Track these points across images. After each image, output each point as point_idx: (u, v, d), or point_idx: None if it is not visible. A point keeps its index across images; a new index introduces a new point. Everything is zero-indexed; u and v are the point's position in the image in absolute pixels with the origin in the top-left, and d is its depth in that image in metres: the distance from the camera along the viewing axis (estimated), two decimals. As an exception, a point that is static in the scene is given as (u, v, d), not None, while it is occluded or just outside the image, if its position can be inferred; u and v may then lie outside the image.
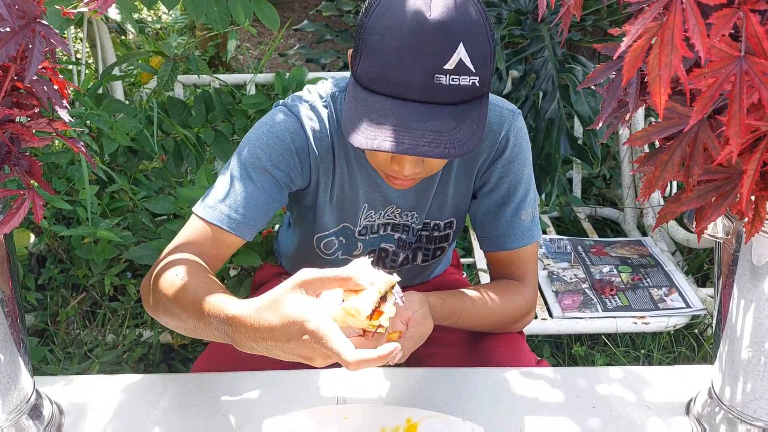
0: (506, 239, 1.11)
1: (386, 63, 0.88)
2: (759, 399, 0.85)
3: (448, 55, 0.87)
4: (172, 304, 0.91)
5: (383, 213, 1.15)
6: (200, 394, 1.01)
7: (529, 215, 1.11)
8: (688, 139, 0.59)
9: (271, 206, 1.05)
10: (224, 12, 1.68)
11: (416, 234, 1.19)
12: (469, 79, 0.89)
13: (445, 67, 0.87)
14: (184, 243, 1.01)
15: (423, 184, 1.11)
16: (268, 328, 0.75)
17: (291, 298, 0.75)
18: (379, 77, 0.89)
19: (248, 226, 1.03)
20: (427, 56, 0.86)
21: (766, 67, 0.50)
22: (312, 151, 1.06)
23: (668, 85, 0.51)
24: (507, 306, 1.10)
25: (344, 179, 1.10)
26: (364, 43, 0.91)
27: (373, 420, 0.93)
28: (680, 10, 0.46)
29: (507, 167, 1.09)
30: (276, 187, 1.04)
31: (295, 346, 0.74)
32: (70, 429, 0.96)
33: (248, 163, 1.03)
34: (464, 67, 0.88)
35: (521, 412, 0.97)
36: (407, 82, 0.88)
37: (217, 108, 2.02)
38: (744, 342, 0.85)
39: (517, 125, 1.09)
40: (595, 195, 2.53)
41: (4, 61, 0.60)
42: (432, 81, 0.87)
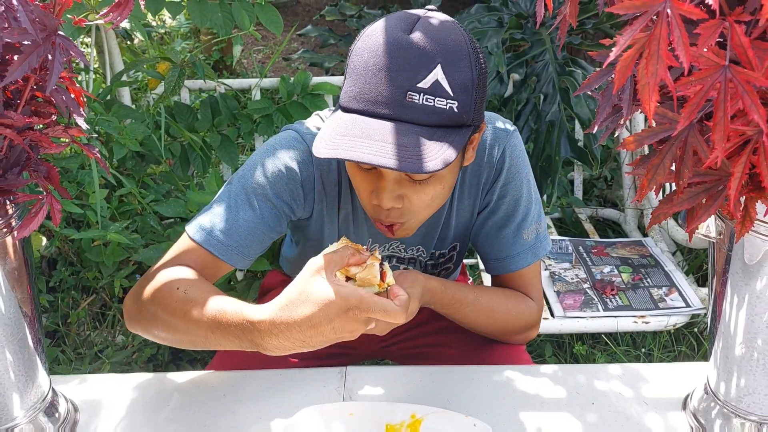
0: (509, 261, 1.10)
1: (363, 80, 0.86)
2: (753, 394, 0.88)
3: (423, 74, 0.84)
4: (174, 318, 0.89)
5: (387, 246, 1.14)
6: (210, 392, 1.04)
7: (531, 233, 1.10)
8: (678, 144, 0.62)
9: (268, 236, 1.02)
10: (228, 17, 1.71)
11: (423, 265, 1.18)
12: (446, 103, 0.85)
13: (419, 85, 0.84)
14: (176, 262, 0.98)
15: (429, 221, 1.07)
16: (305, 319, 0.77)
17: (317, 284, 0.78)
18: (355, 95, 0.87)
19: (241, 254, 1.00)
20: (401, 72, 0.84)
21: (749, 76, 0.53)
22: (317, 182, 1.04)
23: (656, 92, 0.54)
24: (509, 310, 1.09)
25: (348, 215, 1.08)
26: (348, 67, 0.90)
27: (378, 416, 0.95)
28: (666, 22, 0.49)
29: (504, 188, 1.07)
30: (276, 216, 1.02)
31: (339, 324, 0.77)
32: (85, 426, 0.99)
33: (250, 189, 1.00)
34: (441, 88, 0.84)
35: (522, 409, 1.00)
36: (380, 97, 0.85)
37: (222, 112, 2.05)
38: (737, 339, 0.87)
39: (512, 144, 1.06)
40: (597, 196, 2.55)
41: (27, 72, 0.63)
42: (404, 98, 0.84)
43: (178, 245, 1.02)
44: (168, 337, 0.95)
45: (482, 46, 2.22)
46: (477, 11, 2.37)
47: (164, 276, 0.94)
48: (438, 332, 1.23)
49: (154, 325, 0.94)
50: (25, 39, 0.60)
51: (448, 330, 1.19)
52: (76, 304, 1.74)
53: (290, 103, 2.03)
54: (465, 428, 0.93)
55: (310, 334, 0.78)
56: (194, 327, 0.87)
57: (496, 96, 2.15)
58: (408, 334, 1.24)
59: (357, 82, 0.87)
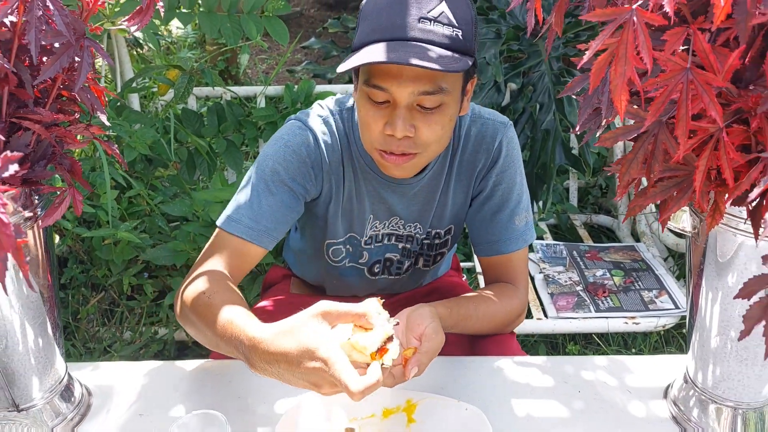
0: (501, 244, 1.18)
1: (376, 15, 0.97)
2: (727, 380, 0.93)
3: (432, 5, 0.95)
4: (198, 320, 0.98)
5: (387, 223, 1.22)
6: (217, 379, 1.10)
7: (522, 220, 1.18)
8: (649, 140, 0.68)
9: (289, 216, 1.12)
10: (237, 28, 1.78)
11: (420, 242, 1.26)
12: (452, 30, 0.96)
13: (429, 14, 0.95)
14: (211, 258, 1.08)
15: (425, 194, 1.18)
16: (283, 353, 0.80)
17: (308, 327, 0.81)
18: (373, 29, 0.97)
19: (269, 236, 1.10)
20: (413, 3, 0.95)
21: (709, 78, 0.59)
22: (325, 163, 1.13)
23: (626, 91, 0.60)
24: (505, 310, 1.17)
25: (352, 191, 1.17)
26: (360, 18, 1.01)
27: (376, 401, 1.01)
28: (632, 29, 0.56)
29: (501, 176, 1.16)
30: (294, 198, 1.12)
31: (305, 372, 0.79)
32: (98, 410, 1.04)
33: (267, 177, 1.10)
34: (447, 18, 0.96)
35: (512, 396, 1.05)
36: (395, 24, 0.95)
37: (228, 119, 2.12)
38: (713, 330, 0.93)
39: (509, 135, 1.16)
40: (592, 204, 2.61)
41: (57, 72, 0.69)
42: (417, 23, 0.95)
43: (212, 240, 1.11)
44: (196, 335, 1.04)
45: (481, 56, 2.29)
46: (476, 23, 2.44)
47: (197, 279, 1.03)
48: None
49: (188, 324, 1.04)
50: (58, 41, 0.67)
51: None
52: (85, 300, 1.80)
53: (294, 111, 2.10)
54: (457, 411, 0.99)
55: (284, 369, 0.81)
56: (210, 332, 0.95)
57: (493, 105, 2.22)
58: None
59: (373, 19, 0.98)
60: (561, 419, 1.02)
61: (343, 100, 1.19)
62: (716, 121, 0.61)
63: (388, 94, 0.97)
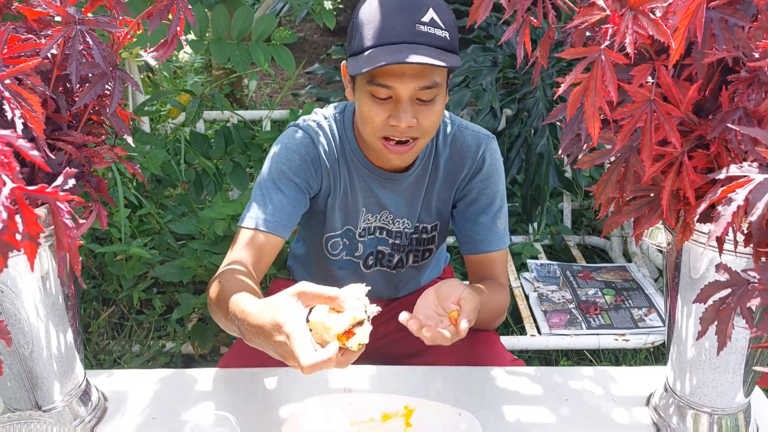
0: (484, 243, 1.30)
1: (375, 23, 1.09)
2: (702, 387, 1.00)
3: (423, 12, 1.09)
4: (216, 306, 1.08)
5: (378, 217, 1.34)
6: (225, 386, 1.16)
7: (503, 224, 1.31)
8: (621, 163, 0.76)
9: (298, 209, 1.24)
10: (245, 55, 1.88)
11: (408, 238, 1.37)
12: (442, 32, 1.09)
13: (423, 19, 1.08)
14: (235, 253, 1.19)
15: (411, 189, 1.30)
16: (260, 326, 0.87)
17: (284, 304, 0.87)
18: (372, 35, 1.09)
19: (284, 226, 1.21)
20: (407, 11, 1.08)
21: (670, 109, 0.67)
22: (322, 161, 1.25)
23: (597, 119, 0.68)
24: (499, 302, 1.28)
25: (347, 186, 1.29)
26: (356, 26, 1.12)
27: (375, 406, 1.07)
28: (600, 67, 0.64)
29: (485, 182, 1.29)
30: (300, 192, 1.24)
31: (275, 345, 0.85)
32: (113, 413, 1.11)
33: (275, 177, 1.22)
34: (437, 22, 1.09)
35: (504, 403, 1.12)
36: (395, 29, 1.08)
37: (235, 141, 2.21)
38: (689, 342, 1.00)
39: (491, 147, 1.29)
40: (585, 225, 2.69)
41: (92, 98, 0.77)
42: (414, 28, 1.08)
43: (235, 238, 1.22)
44: (218, 321, 1.11)
45: (477, 83, 2.38)
46: (473, 51, 2.55)
47: (220, 272, 1.15)
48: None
49: (211, 311, 1.13)
50: (94, 71, 0.75)
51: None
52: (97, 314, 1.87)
53: (298, 134, 2.18)
54: (452, 416, 1.05)
55: (262, 341, 0.88)
56: (221, 313, 1.05)
57: (490, 129, 2.30)
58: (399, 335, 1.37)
59: (372, 27, 1.10)
60: (549, 425, 1.08)
61: (335, 105, 1.32)
62: (675, 149, 0.69)
63: (391, 90, 1.10)
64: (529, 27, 0.87)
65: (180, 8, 0.82)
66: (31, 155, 0.48)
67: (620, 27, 0.63)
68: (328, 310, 0.88)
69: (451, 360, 1.24)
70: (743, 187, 0.52)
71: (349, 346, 0.86)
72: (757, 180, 0.51)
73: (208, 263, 1.65)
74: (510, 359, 1.29)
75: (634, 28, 0.61)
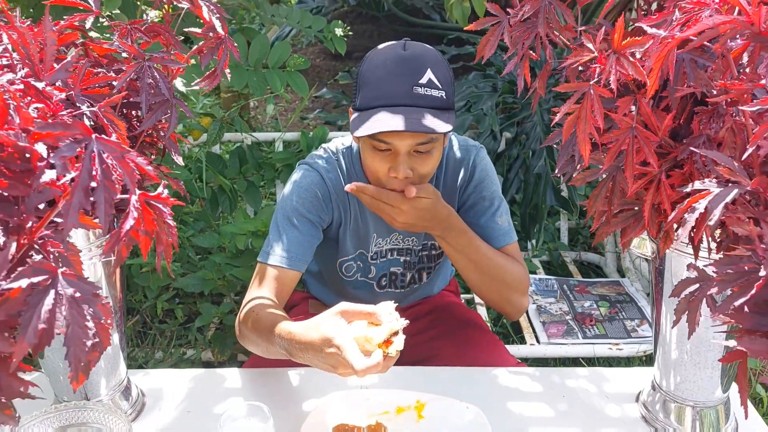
0: (492, 241, 1.39)
1: (378, 84, 1.20)
2: (685, 383, 1.11)
3: (421, 74, 1.19)
4: (253, 334, 1.21)
5: (389, 239, 1.45)
6: (252, 383, 1.28)
7: (505, 221, 1.40)
8: (609, 180, 0.89)
9: (312, 243, 1.35)
10: (262, 81, 2.01)
11: (418, 255, 1.47)
12: (438, 93, 1.20)
13: (420, 81, 1.18)
14: (258, 287, 1.30)
15: None
16: (309, 342, 1.02)
17: (329, 322, 1.02)
18: (374, 96, 1.20)
19: (300, 261, 1.32)
20: (406, 75, 1.19)
21: (649, 135, 0.80)
22: (332, 195, 1.37)
23: (588, 143, 0.80)
24: (508, 264, 1.36)
25: (357, 214, 1.40)
26: (360, 82, 1.23)
27: (389, 401, 1.18)
28: (590, 99, 0.76)
29: (479, 186, 1.40)
30: (314, 228, 1.35)
31: (325, 356, 1.00)
32: (151, 408, 1.22)
33: (290, 215, 1.33)
34: (433, 83, 1.19)
35: (506, 399, 1.23)
36: (395, 93, 1.18)
37: (249, 161, 2.33)
38: (673, 342, 1.11)
39: (480, 155, 1.41)
40: (582, 243, 2.81)
41: (154, 123, 0.90)
42: (412, 91, 1.18)
43: (256, 273, 1.33)
44: (253, 347, 1.25)
45: (478, 108, 2.52)
46: (474, 78, 2.69)
47: (248, 305, 1.26)
48: (436, 338, 1.47)
49: (246, 341, 1.26)
50: (157, 100, 0.87)
51: (445, 336, 1.43)
52: (121, 323, 1.98)
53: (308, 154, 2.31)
54: (459, 409, 1.16)
55: (311, 355, 1.03)
56: (261, 340, 1.18)
57: (490, 151, 2.44)
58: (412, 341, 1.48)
59: (374, 87, 1.21)
60: (547, 419, 1.19)
61: (341, 141, 1.43)
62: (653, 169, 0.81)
63: (390, 145, 1.21)
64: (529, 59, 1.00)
65: (227, 47, 0.95)
66: (146, 170, 0.61)
67: (606, 66, 0.76)
68: (367, 325, 1.04)
69: (460, 364, 1.36)
70: (704, 198, 0.64)
71: (389, 353, 1.01)
72: (714, 192, 0.63)
73: (229, 275, 1.76)
74: (514, 363, 1.40)
75: (617, 68, 0.74)
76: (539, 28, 0.94)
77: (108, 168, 0.56)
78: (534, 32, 0.95)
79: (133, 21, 0.92)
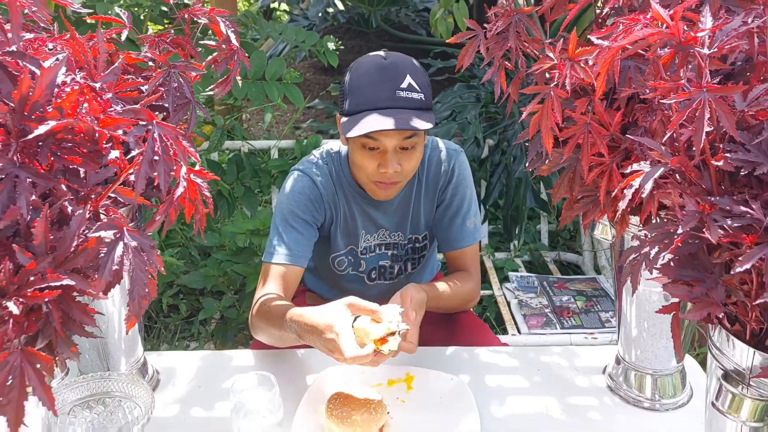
0: (458, 241, 1.55)
1: (363, 91, 1.35)
2: (644, 352, 1.25)
3: (401, 79, 1.34)
4: (265, 324, 1.35)
5: (376, 235, 1.59)
6: (256, 362, 1.40)
7: (472, 223, 1.56)
8: (570, 171, 1.03)
9: (310, 240, 1.50)
10: (261, 92, 2.16)
11: (404, 248, 1.62)
12: (418, 95, 1.35)
13: (401, 86, 1.33)
14: (265, 285, 1.43)
15: (402, 207, 1.55)
16: (314, 325, 1.17)
17: (335, 310, 1.18)
18: (361, 101, 1.34)
19: (302, 257, 1.46)
20: (388, 81, 1.34)
21: (601, 130, 0.95)
22: (323, 196, 1.51)
23: (551, 137, 0.95)
24: (465, 290, 1.53)
25: (346, 213, 1.55)
26: (347, 90, 1.38)
27: (382, 373, 1.32)
28: (550, 100, 0.91)
29: (455, 189, 1.54)
30: (309, 227, 1.50)
31: (325, 341, 1.15)
32: (165, 383, 1.34)
33: (287, 217, 1.47)
34: (413, 87, 1.35)
35: (486, 372, 1.37)
36: (380, 97, 1.33)
37: (246, 168, 2.47)
38: (632, 317, 1.25)
39: (460, 159, 1.55)
40: (562, 245, 2.97)
41: (177, 122, 1.03)
42: (395, 94, 1.33)
43: (262, 272, 1.47)
44: (267, 338, 1.38)
45: (462, 117, 2.68)
46: (459, 89, 2.86)
47: (259, 301, 1.39)
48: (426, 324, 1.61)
49: (259, 332, 1.40)
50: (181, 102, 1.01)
51: (434, 322, 1.58)
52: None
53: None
54: (445, 380, 1.30)
55: (314, 337, 1.18)
56: (273, 328, 1.32)
57: (474, 157, 2.59)
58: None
59: (359, 93, 1.35)
60: (524, 388, 1.33)
61: (330, 146, 1.58)
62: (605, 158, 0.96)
63: (378, 143, 1.37)
64: (504, 69, 1.15)
65: (239, 58, 1.09)
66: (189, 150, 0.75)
67: (563, 72, 0.91)
68: (370, 320, 1.18)
69: (444, 343, 1.49)
70: (639, 177, 0.78)
71: (382, 350, 1.15)
72: (646, 171, 0.77)
73: (230, 271, 1.89)
74: (497, 342, 1.54)
75: (571, 72, 0.89)
76: (510, 41, 1.09)
77: (166, 146, 0.69)
78: (506, 45, 1.10)
79: (160, 34, 1.06)
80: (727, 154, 0.72)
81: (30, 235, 0.59)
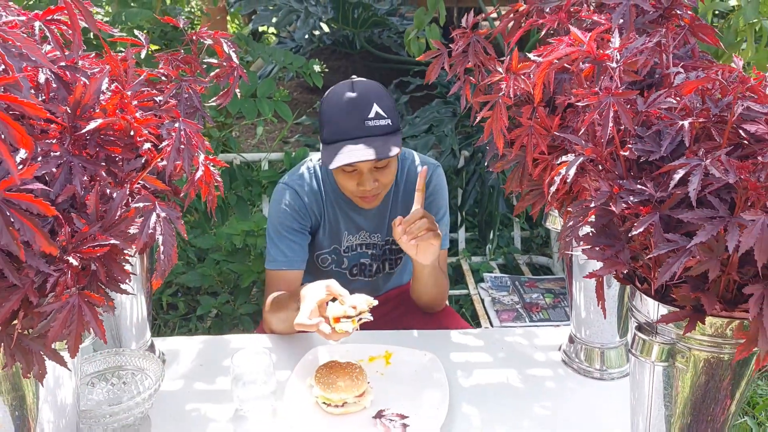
0: None
1: (335, 123, 1.53)
2: (591, 328, 1.44)
3: (368, 109, 1.51)
4: (278, 313, 1.54)
5: (357, 236, 1.77)
6: (255, 344, 1.57)
7: (443, 230, 1.71)
8: (519, 168, 1.22)
9: (303, 244, 1.68)
10: (253, 107, 2.35)
11: (382, 249, 1.80)
12: (385, 122, 1.53)
13: (369, 116, 1.50)
14: (271, 290, 1.63)
15: (380, 212, 1.72)
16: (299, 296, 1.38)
17: (312, 287, 1.39)
18: (334, 132, 1.53)
19: (298, 261, 1.66)
20: (356, 112, 1.51)
21: (542, 131, 1.14)
22: (309, 206, 1.69)
23: (501, 138, 1.14)
24: (445, 283, 1.72)
25: (330, 217, 1.73)
26: (323, 120, 1.57)
27: (364, 351, 1.49)
28: (499, 105, 1.10)
29: (431, 197, 1.71)
30: (301, 233, 1.68)
31: (296, 309, 1.36)
32: (170, 363, 1.50)
33: (279, 228, 1.66)
34: (380, 115, 1.52)
35: (455, 351, 1.54)
36: (350, 128, 1.51)
37: (239, 179, 2.65)
38: (582, 307, 1.43)
39: (437, 173, 1.73)
40: (535, 251, 3.16)
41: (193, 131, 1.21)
42: (363, 125, 1.50)
43: (266, 280, 1.68)
44: (281, 327, 1.57)
45: (440, 130, 2.88)
46: (436, 105, 3.07)
47: (269, 300, 1.61)
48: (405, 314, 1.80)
49: (273, 324, 1.58)
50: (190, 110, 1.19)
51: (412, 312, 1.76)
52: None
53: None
54: (419, 357, 1.47)
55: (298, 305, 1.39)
56: (284, 314, 1.51)
57: (450, 167, 2.79)
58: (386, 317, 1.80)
59: (333, 124, 1.54)
60: (489, 363, 1.51)
61: (317, 156, 1.74)
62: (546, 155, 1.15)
63: (355, 166, 1.55)
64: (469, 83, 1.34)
65: (238, 74, 1.27)
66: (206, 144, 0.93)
67: (508, 84, 1.10)
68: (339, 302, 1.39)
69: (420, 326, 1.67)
70: (566, 166, 0.97)
71: (337, 328, 1.34)
72: (570, 160, 0.96)
73: (226, 270, 2.06)
74: (466, 326, 1.72)
75: (514, 83, 1.09)
76: (470, 58, 1.28)
77: (189, 138, 0.87)
78: (467, 62, 1.29)
79: (172, 53, 1.24)
80: (629, 145, 0.91)
81: (84, 206, 0.77)
